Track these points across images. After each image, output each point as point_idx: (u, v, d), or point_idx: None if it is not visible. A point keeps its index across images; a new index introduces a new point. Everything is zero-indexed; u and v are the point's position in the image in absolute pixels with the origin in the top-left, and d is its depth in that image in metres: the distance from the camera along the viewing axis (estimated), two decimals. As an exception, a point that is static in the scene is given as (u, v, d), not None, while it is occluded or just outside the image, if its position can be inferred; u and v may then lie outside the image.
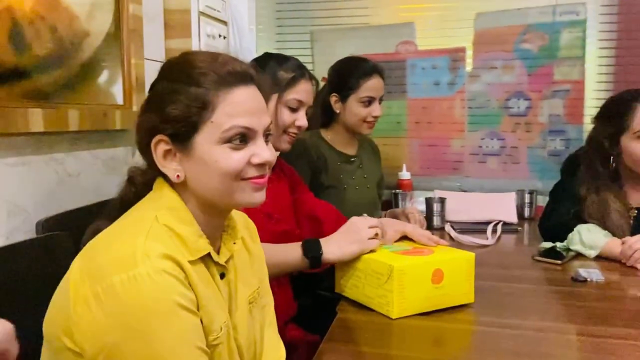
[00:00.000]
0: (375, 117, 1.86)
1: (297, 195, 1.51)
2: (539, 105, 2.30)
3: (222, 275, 0.85)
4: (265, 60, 1.44)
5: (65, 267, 0.73)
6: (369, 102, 1.84)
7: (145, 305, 0.69)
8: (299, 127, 1.40)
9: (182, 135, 0.78)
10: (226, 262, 0.85)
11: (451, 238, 1.85)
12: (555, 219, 1.70)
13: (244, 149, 0.79)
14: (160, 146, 0.79)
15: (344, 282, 1.23)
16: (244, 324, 0.87)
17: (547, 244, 1.64)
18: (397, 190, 2.22)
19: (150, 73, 1.59)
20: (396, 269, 1.09)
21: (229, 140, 0.78)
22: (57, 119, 1.20)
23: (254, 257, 0.96)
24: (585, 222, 1.60)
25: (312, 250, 1.19)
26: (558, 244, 1.62)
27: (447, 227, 1.95)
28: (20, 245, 0.99)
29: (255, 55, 2.33)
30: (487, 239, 1.81)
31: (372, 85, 1.84)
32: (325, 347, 0.99)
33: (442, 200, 2.04)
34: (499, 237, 1.85)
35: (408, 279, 1.10)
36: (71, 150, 1.29)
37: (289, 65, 1.41)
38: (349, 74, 1.84)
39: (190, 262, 0.76)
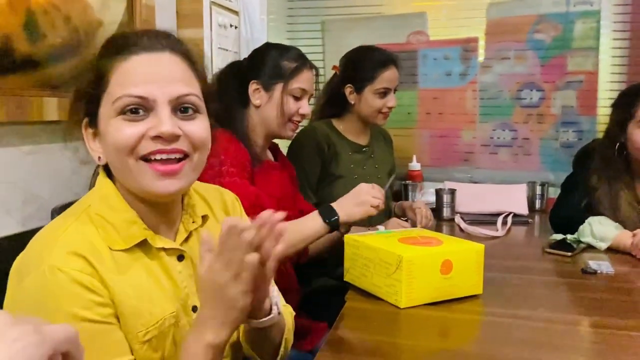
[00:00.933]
0: (390, 108, 1.86)
1: (294, 189, 1.54)
2: (552, 96, 2.28)
3: (181, 258, 0.80)
4: (267, 50, 1.48)
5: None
6: (384, 93, 1.84)
7: (43, 311, 0.65)
8: (302, 115, 1.47)
9: (92, 113, 0.75)
10: (185, 242, 0.81)
11: (461, 229, 1.85)
12: (566, 211, 1.70)
13: (141, 122, 0.72)
14: (87, 130, 0.77)
15: (352, 271, 1.24)
16: None
17: (558, 236, 1.64)
18: (407, 181, 2.22)
19: (162, 63, 1.60)
20: (405, 259, 1.10)
21: (122, 112, 0.71)
22: (71, 107, 1.21)
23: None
24: (596, 213, 1.60)
25: (329, 215, 1.29)
26: (569, 236, 1.61)
27: (457, 219, 1.95)
28: (36, 231, 1.01)
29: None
30: (497, 230, 1.81)
31: (388, 76, 1.83)
32: (333, 334, 1.00)
33: (452, 192, 2.04)
34: (509, 229, 1.85)
35: (417, 269, 1.11)
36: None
37: (291, 55, 1.46)
38: (364, 64, 1.83)
39: (123, 250, 0.73)
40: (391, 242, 1.20)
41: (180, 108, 0.74)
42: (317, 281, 1.63)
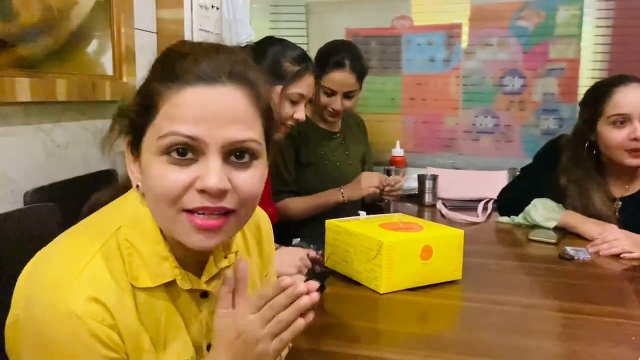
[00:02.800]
0: (334, 110, 1.83)
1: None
2: (534, 83, 2.29)
3: (205, 295, 0.72)
4: (269, 46, 1.41)
5: (52, 238, 0.72)
6: (330, 93, 1.81)
7: (50, 353, 0.59)
8: (296, 120, 1.42)
9: (135, 139, 0.66)
10: (211, 279, 0.72)
11: (442, 215, 1.86)
12: (513, 193, 1.76)
13: (187, 168, 0.62)
14: (129, 150, 0.68)
15: (333, 257, 1.24)
16: None
17: (504, 219, 1.74)
18: (390, 167, 2.22)
19: (141, 43, 1.56)
20: (385, 244, 1.10)
21: (166, 152, 0.62)
22: (45, 88, 1.18)
23: (259, 256, 0.85)
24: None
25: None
26: (514, 218, 1.70)
27: (439, 204, 1.95)
28: (7, 215, 0.99)
29: (249, 27, 2.30)
30: (478, 216, 1.82)
31: (335, 78, 1.80)
32: (313, 320, 0.99)
33: (434, 178, 2.04)
34: (490, 215, 1.86)
35: (397, 255, 1.11)
36: (59, 121, 1.28)
37: (294, 56, 1.40)
38: (321, 60, 1.81)
39: (145, 289, 0.65)
40: (372, 228, 1.20)
41: (236, 153, 0.63)
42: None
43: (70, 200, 1.05)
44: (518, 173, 1.89)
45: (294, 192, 1.76)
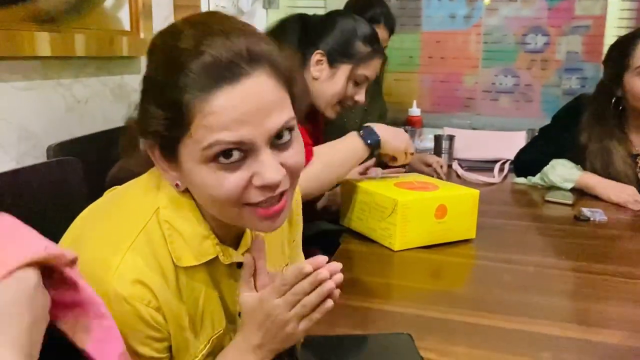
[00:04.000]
0: None
1: None
2: (557, 41, 2.23)
3: (239, 265, 0.73)
4: (342, 20, 1.35)
5: (76, 192, 0.73)
6: None
7: None
8: (356, 102, 1.37)
9: (167, 146, 0.64)
10: (247, 251, 0.73)
11: (458, 176, 1.85)
12: (530, 154, 1.75)
13: (240, 168, 0.61)
14: (154, 152, 0.66)
15: (349, 215, 1.25)
16: None
17: (520, 180, 1.73)
18: (406, 127, 2.21)
19: (157, -2, 1.55)
20: (400, 203, 1.10)
21: (214, 160, 0.60)
22: (64, 43, 1.18)
23: (288, 226, 0.86)
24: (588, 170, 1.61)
25: (370, 136, 1.22)
26: (531, 178, 1.69)
27: (455, 165, 1.95)
28: (31, 168, 1.01)
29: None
30: (494, 177, 1.81)
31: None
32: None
33: (450, 138, 2.03)
34: (506, 176, 1.86)
35: (411, 213, 1.12)
36: (79, 76, 1.29)
37: (367, 36, 1.34)
38: (356, 14, 1.76)
39: (188, 268, 0.67)
40: (387, 187, 1.20)
41: (278, 136, 0.63)
42: (313, 224, 1.65)
43: (92, 155, 1.07)
44: (537, 134, 1.87)
45: None
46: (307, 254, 0.90)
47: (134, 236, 0.64)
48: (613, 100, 1.60)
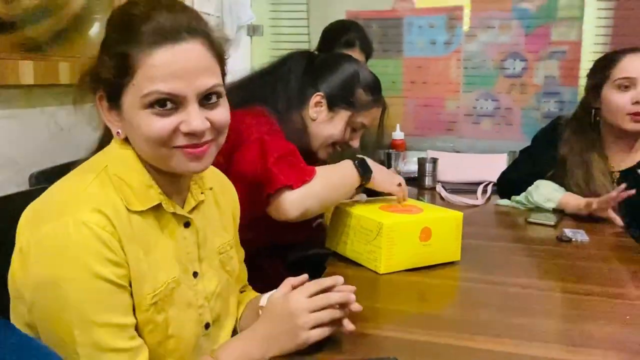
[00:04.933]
0: None
1: None
2: (535, 66, 2.29)
3: (187, 224, 0.83)
4: (345, 65, 1.35)
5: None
6: None
7: (59, 258, 0.68)
8: (349, 147, 1.39)
9: (113, 95, 0.75)
10: (192, 210, 0.85)
11: (442, 198, 1.87)
12: (513, 174, 1.79)
13: (171, 116, 0.73)
14: (102, 102, 0.78)
15: (334, 238, 1.26)
16: (213, 273, 0.88)
17: (504, 201, 1.75)
18: (391, 150, 2.23)
19: (142, 26, 1.56)
20: (385, 226, 1.11)
21: (150, 106, 0.72)
22: (48, 71, 1.19)
23: (223, 212, 0.96)
24: (567, 186, 1.65)
25: (365, 170, 1.24)
26: (515, 198, 1.71)
27: (438, 187, 1.97)
28: (15, 196, 1.00)
29: (250, 10, 2.29)
30: (477, 199, 1.84)
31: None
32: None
33: (434, 161, 2.05)
34: (489, 198, 1.88)
35: (397, 236, 1.13)
36: (63, 104, 1.29)
37: (370, 84, 1.35)
38: (329, 39, 1.81)
39: (139, 212, 0.75)
40: (372, 210, 1.21)
41: (207, 96, 0.76)
42: (300, 247, 1.65)
43: (75, 182, 1.06)
44: (518, 156, 1.91)
45: None
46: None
47: (89, 183, 0.74)
48: (592, 112, 1.65)
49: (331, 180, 1.20)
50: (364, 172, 1.23)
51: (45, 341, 0.69)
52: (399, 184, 1.29)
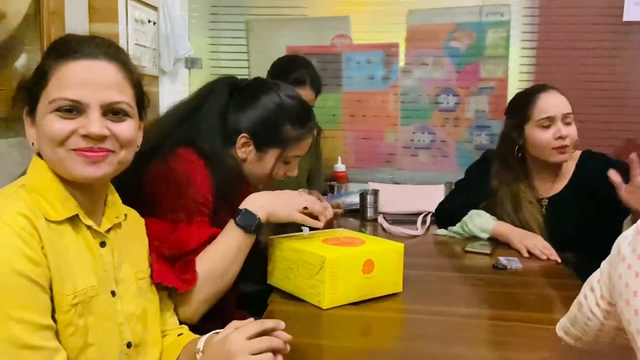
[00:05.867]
0: None
1: None
2: (467, 101, 2.40)
3: (103, 244, 0.88)
4: (263, 93, 1.27)
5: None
6: None
7: None
8: (288, 176, 1.34)
9: (32, 106, 0.83)
10: (108, 231, 0.89)
11: (383, 229, 1.89)
12: (449, 205, 1.87)
13: (73, 120, 0.81)
14: (27, 117, 0.85)
15: (276, 274, 1.23)
16: (130, 295, 0.90)
17: (441, 231, 1.81)
18: (333, 182, 2.25)
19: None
20: (328, 259, 1.11)
21: (56, 111, 0.80)
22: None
23: (137, 243, 0.99)
24: (498, 216, 1.72)
25: (248, 220, 1.12)
26: (451, 228, 1.77)
27: (380, 219, 1.99)
28: None
29: (188, 43, 2.28)
30: (417, 229, 1.87)
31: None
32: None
33: (375, 192, 2.08)
34: (428, 228, 1.92)
35: (340, 270, 1.12)
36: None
37: (296, 117, 1.26)
38: (278, 76, 1.79)
39: (57, 222, 0.80)
40: (314, 244, 1.20)
41: (112, 111, 0.83)
42: (237, 288, 1.60)
43: None
44: (453, 187, 1.98)
45: None
46: (237, 318, 0.88)
47: (8, 196, 0.80)
48: (516, 149, 1.74)
49: (220, 267, 1.10)
50: (250, 225, 1.12)
51: None
52: (305, 207, 1.18)
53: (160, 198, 1.11)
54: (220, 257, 1.11)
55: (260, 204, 1.15)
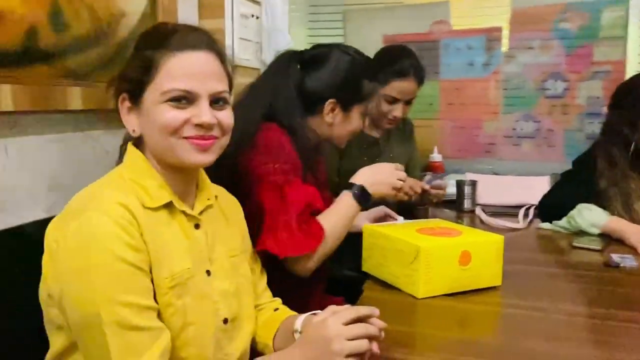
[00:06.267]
0: (395, 118, 1.83)
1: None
2: (577, 87, 2.24)
3: (197, 226, 0.92)
4: (340, 56, 1.33)
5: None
6: (392, 101, 1.81)
7: (85, 247, 0.75)
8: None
9: (135, 93, 0.86)
10: (200, 213, 0.93)
11: (481, 221, 1.83)
12: (555, 198, 1.73)
13: (185, 109, 0.84)
14: (124, 103, 0.89)
15: (371, 261, 1.24)
16: (225, 272, 0.94)
17: (546, 225, 1.70)
18: (428, 173, 2.21)
19: (184, 53, 1.61)
20: (423, 249, 1.09)
21: (167, 101, 0.84)
22: (95, 97, 1.23)
23: (229, 222, 1.02)
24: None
25: (365, 198, 1.25)
26: (557, 222, 1.66)
27: (478, 210, 1.93)
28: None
29: (287, 36, 2.34)
30: (519, 222, 1.79)
31: (399, 87, 1.80)
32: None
33: (473, 183, 2.02)
34: (531, 221, 1.83)
35: (435, 260, 1.11)
36: (108, 129, 1.33)
37: (369, 72, 1.37)
38: (382, 67, 1.79)
39: (153, 209, 0.84)
40: (409, 233, 1.20)
41: (214, 100, 0.87)
42: (335, 272, 1.63)
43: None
44: (559, 178, 1.86)
45: None
46: (334, 303, 0.90)
47: (106, 186, 0.84)
48: (632, 146, 1.59)
49: (338, 227, 1.21)
50: (363, 199, 1.25)
51: (74, 328, 0.77)
52: (399, 187, 1.31)
53: (258, 167, 1.18)
54: (339, 219, 1.22)
55: (370, 180, 1.27)
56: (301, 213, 1.15)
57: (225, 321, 0.91)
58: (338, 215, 1.22)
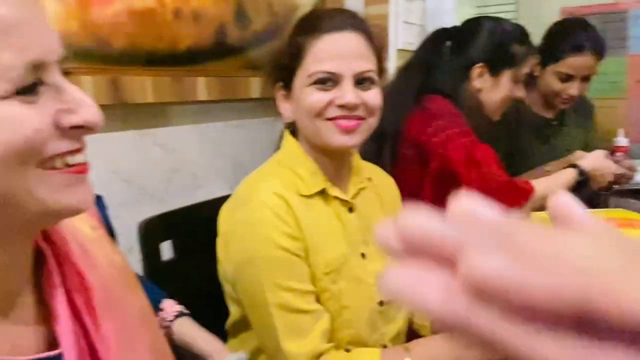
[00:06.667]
0: (571, 96, 1.67)
1: None
2: None
3: (351, 210, 0.92)
4: (488, 23, 1.36)
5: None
6: (567, 78, 1.66)
7: (249, 236, 0.81)
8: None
9: (287, 81, 0.88)
10: (354, 197, 0.93)
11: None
12: None
13: (329, 91, 0.84)
14: (279, 92, 0.91)
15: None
16: (380, 255, 0.93)
17: None
18: (616, 154, 1.98)
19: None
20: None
21: (314, 83, 0.84)
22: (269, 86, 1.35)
23: (383, 203, 1.02)
24: None
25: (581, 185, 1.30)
26: None
27: (672, 203, 1.69)
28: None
29: (454, 17, 2.28)
30: None
31: (574, 63, 1.64)
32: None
33: (667, 172, 1.77)
34: None
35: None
36: (279, 115, 1.44)
37: (519, 36, 1.36)
38: (554, 42, 1.66)
39: (307, 196, 0.86)
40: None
41: (359, 80, 0.85)
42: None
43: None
44: None
45: None
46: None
47: (267, 175, 0.89)
48: None
49: (548, 190, 1.22)
50: (582, 183, 1.28)
51: (246, 306, 0.85)
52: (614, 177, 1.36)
53: (437, 134, 1.21)
54: (556, 186, 1.26)
55: (594, 165, 1.34)
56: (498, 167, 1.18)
57: (381, 303, 0.91)
58: (557, 182, 1.27)
